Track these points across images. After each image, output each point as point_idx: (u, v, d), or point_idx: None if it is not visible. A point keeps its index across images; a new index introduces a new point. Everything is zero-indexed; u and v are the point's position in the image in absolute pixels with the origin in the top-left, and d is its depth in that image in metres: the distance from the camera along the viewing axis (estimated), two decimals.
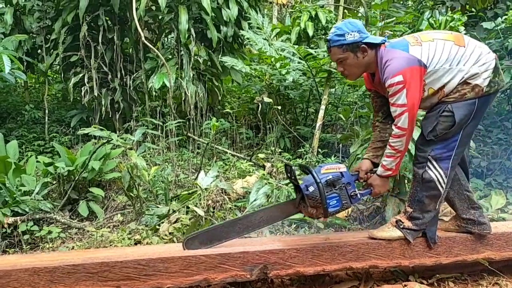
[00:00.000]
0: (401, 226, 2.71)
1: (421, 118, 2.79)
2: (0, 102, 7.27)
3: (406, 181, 3.59)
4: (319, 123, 5.16)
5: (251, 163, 5.01)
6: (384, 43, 2.63)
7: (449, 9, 6.48)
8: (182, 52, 5.75)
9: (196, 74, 5.97)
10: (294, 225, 3.75)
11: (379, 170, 2.66)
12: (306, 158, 4.84)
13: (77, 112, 6.44)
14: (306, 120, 6.30)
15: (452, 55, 2.52)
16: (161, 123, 5.16)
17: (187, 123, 5.72)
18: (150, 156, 5.18)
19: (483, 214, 2.84)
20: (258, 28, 5.91)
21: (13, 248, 3.78)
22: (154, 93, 5.67)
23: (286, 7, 12.10)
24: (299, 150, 5.19)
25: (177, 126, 5.35)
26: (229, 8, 5.86)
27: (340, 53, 2.60)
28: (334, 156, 4.87)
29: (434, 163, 2.58)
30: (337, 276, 2.87)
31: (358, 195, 2.63)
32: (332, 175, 2.55)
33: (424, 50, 2.53)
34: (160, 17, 6.01)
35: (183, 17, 5.39)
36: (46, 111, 6.18)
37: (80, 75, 5.92)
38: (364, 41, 2.57)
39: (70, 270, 2.24)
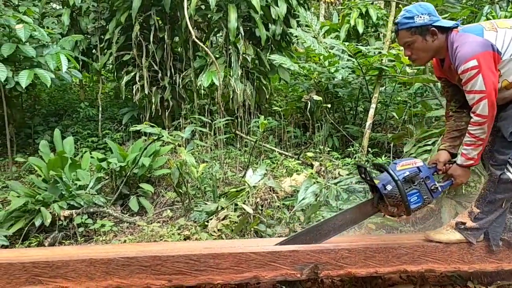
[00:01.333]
0: (463, 227, 2.58)
1: None
2: (57, 100, 7.60)
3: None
4: (369, 122, 5.04)
5: (299, 161, 4.97)
6: (456, 27, 2.50)
7: (511, 3, 6.15)
8: (231, 51, 5.78)
9: (244, 72, 5.98)
10: None
11: (460, 159, 2.54)
12: (355, 158, 4.74)
13: (128, 109, 6.61)
14: (355, 119, 6.18)
15: None
16: (209, 121, 5.21)
17: (235, 121, 5.75)
18: (199, 154, 5.23)
19: None
20: (306, 26, 5.85)
21: (69, 240, 3.92)
22: (202, 91, 5.73)
23: (333, 5, 11.94)
24: (348, 149, 5.09)
25: (225, 124, 5.39)
26: (277, 6, 5.83)
27: (408, 36, 2.49)
28: (385, 156, 4.74)
29: None
30: (390, 279, 2.79)
31: (439, 188, 2.54)
32: (409, 171, 2.49)
33: (500, 36, 2.38)
34: (209, 16, 6.07)
35: (233, 15, 5.41)
36: (100, 109, 6.39)
37: (132, 73, 6.07)
38: (434, 24, 2.46)
39: (125, 263, 2.28)
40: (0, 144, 5.99)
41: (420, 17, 2.45)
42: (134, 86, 6.04)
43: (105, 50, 6.41)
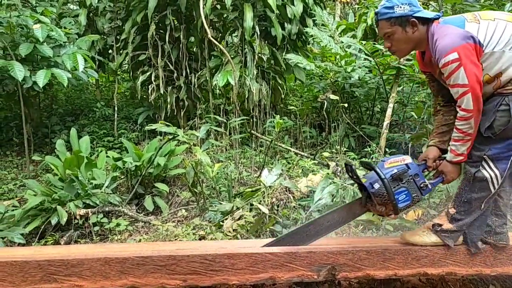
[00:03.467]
0: (439, 229, 2.48)
1: None
2: (74, 100, 7.67)
3: None
4: (386, 121, 4.96)
5: (314, 161, 4.91)
6: (437, 18, 2.40)
7: None
8: (246, 50, 5.75)
9: (260, 72, 5.95)
10: (361, 227, 3.62)
11: (449, 155, 2.43)
12: (372, 158, 4.67)
13: (144, 109, 6.64)
14: (372, 119, 6.10)
15: None
16: (224, 120, 5.19)
17: (250, 120, 5.72)
18: (214, 153, 5.22)
19: (505, 225, 2.53)
20: (323, 25, 5.80)
21: (84, 239, 3.93)
22: (217, 91, 5.72)
23: (349, 5, 11.84)
24: (365, 150, 5.02)
25: (240, 124, 5.36)
26: (294, 5, 5.79)
27: (388, 27, 2.40)
28: None
29: (490, 163, 2.32)
30: (409, 281, 2.72)
31: (429, 185, 2.45)
32: (397, 168, 2.39)
33: (482, 28, 2.27)
34: (225, 16, 6.05)
35: (248, 14, 5.38)
36: (116, 109, 6.42)
37: (148, 73, 6.09)
38: (415, 15, 2.36)
39: (140, 262, 2.26)
40: (18, 143, 6.05)
41: (400, 7, 2.36)
42: (149, 86, 6.05)
43: (121, 50, 6.44)
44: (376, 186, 2.36)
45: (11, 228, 3.69)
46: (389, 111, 5.02)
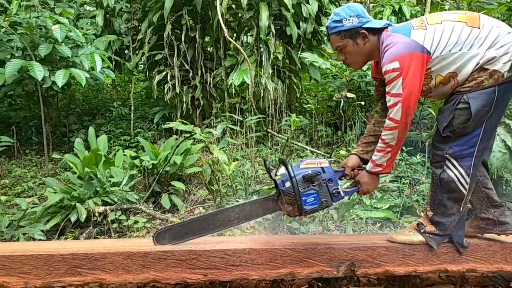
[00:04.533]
0: (422, 230, 2.45)
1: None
2: (91, 99, 7.77)
3: (503, 182, 3.32)
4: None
5: (331, 160, 4.91)
6: (387, 27, 2.38)
7: None
8: (261, 49, 5.77)
9: (275, 71, 5.97)
10: (379, 224, 3.61)
11: (369, 165, 2.41)
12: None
13: (160, 109, 6.69)
14: None
15: (463, 38, 2.21)
16: (240, 119, 5.21)
17: (266, 119, 5.74)
18: (230, 152, 5.25)
19: (506, 212, 2.48)
20: None
21: (103, 236, 3.98)
22: (233, 90, 5.75)
23: (364, 3, 11.80)
24: None
25: (256, 123, 5.38)
26: (309, 4, 5.79)
27: (339, 40, 2.38)
28: (419, 155, 4.63)
29: (454, 161, 2.29)
30: (428, 278, 2.71)
31: (342, 192, 2.39)
32: (311, 170, 2.34)
33: (429, 34, 2.24)
34: (240, 15, 6.08)
35: (264, 14, 5.41)
36: (132, 108, 6.49)
37: (164, 73, 6.14)
38: (364, 26, 2.34)
39: (161, 256, 2.29)
40: (37, 142, 6.15)
41: (349, 20, 2.33)
42: (165, 85, 6.11)
43: (138, 50, 6.51)
44: (287, 184, 2.32)
45: (32, 225, 3.75)
46: None
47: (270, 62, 5.74)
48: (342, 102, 5.43)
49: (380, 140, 2.34)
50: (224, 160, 4.12)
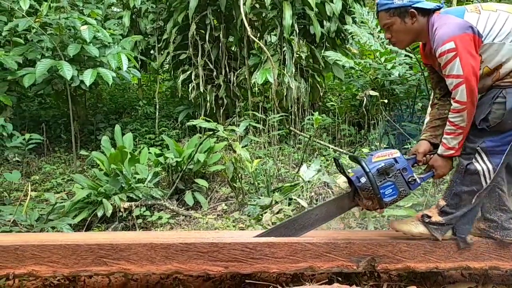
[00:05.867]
0: (427, 221, 2.43)
1: None
2: (117, 98, 7.94)
3: None
4: (427, 119, 4.87)
5: None
6: (438, 9, 2.35)
7: None
8: (285, 48, 5.79)
9: (298, 70, 5.98)
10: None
11: (440, 149, 2.39)
12: None
13: (184, 108, 6.78)
14: (413, 116, 6.00)
15: None
16: (263, 117, 5.25)
17: (289, 117, 5.76)
18: (252, 150, 5.28)
19: (511, 219, 2.45)
20: (362, 22, 5.76)
21: (128, 231, 4.07)
22: (256, 89, 5.78)
23: None
24: (405, 147, 4.95)
25: (279, 121, 5.40)
26: (333, 3, 5.78)
27: (387, 18, 2.38)
28: None
29: (484, 156, 2.28)
30: (450, 276, 2.68)
31: (418, 180, 2.41)
32: (384, 162, 2.37)
33: (482, 18, 2.22)
34: (264, 15, 6.11)
35: (287, 12, 5.42)
36: (157, 107, 6.60)
37: (188, 72, 6.23)
38: (414, 5, 2.33)
39: (183, 248, 2.35)
40: (66, 139, 6.32)
41: None
42: (189, 85, 6.19)
43: (163, 50, 6.61)
44: (363, 180, 2.35)
45: (61, 219, 3.86)
46: (429, 109, 4.92)
47: (293, 61, 5.76)
48: (365, 100, 5.39)
49: (448, 123, 2.32)
50: (247, 158, 4.16)
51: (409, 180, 2.39)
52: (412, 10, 2.35)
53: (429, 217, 2.45)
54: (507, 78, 2.23)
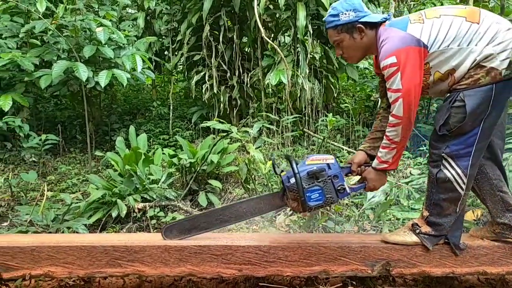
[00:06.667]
0: (417, 231, 2.40)
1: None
2: (131, 99, 8.00)
3: None
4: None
5: None
6: (385, 21, 2.32)
7: None
8: (299, 49, 5.78)
9: (312, 71, 5.96)
10: None
11: (374, 162, 2.37)
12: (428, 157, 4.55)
13: (197, 108, 6.80)
14: (428, 118, 5.95)
15: (461, 33, 2.15)
16: (277, 118, 5.24)
17: (303, 119, 5.74)
18: (266, 151, 5.28)
19: None
20: None
21: (142, 231, 4.09)
22: (270, 90, 5.78)
23: (404, 2, 11.58)
24: (420, 149, 4.91)
25: (292, 122, 5.39)
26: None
27: (336, 35, 2.35)
28: None
29: (451, 161, 2.24)
30: (467, 281, 2.64)
31: (347, 189, 2.37)
32: (316, 166, 2.33)
33: (426, 28, 2.18)
34: (277, 15, 6.10)
35: (301, 13, 5.41)
36: (171, 108, 6.63)
37: (202, 73, 6.25)
38: (360, 20, 2.29)
39: (197, 250, 2.35)
40: (81, 140, 6.39)
41: (345, 14, 2.29)
42: (203, 86, 6.22)
43: (177, 51, 6.65)
44: (292, 180, 2.32)
45: (76, 219, 3.89)
46: None
47: (307, 62, 5.74)
48: (379, 101, 5.35)
49: (384, 137, 2.31)
50: (260, 159, 4.15)
51: (338, 188, 2.36)
52: (360, 25, 2.32)
53: (419, 227, 2.43)
54: (462, 81, 2.18)
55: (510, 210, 2.40)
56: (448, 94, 2.26)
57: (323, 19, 2.50)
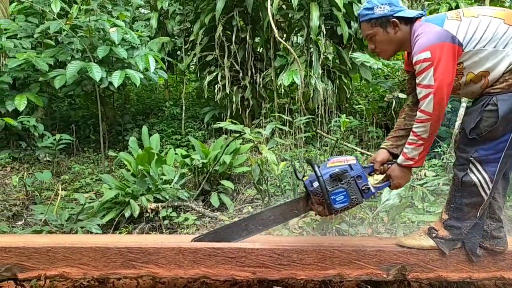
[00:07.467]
0: (434, 235, 2.36)
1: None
2: (144, 99, 8.04)
3: None
4: (458, 121, 4.76)
5: None
6: (420, 17, 2.28)
7: None
8: (312, 50, 5.75)
9: (325, 71, 5.93)
10: None
11: (400, 158, 2.33)
12: (443, 159, 4.51)
13: (210, 109, 6.82)
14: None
15: (498, 35, 2.09)
16: (290, 119, 5.22)
17: (316, 119, 5.71)
18: (278, 152, 5.26)
19: (502, 229, 2.37)
20: None
21: (155, 231, 4.10)
22: (282, 90, 5.76)
23: (418, 1, 11.49)
24: (435, 150, 4.85)
25: (305, 123, 5.37)
26: (360, 3, 5.70)
27: (369, 28, 2.31)
28: None
29: (478, 166, 2.18)
30: (484, 286, 2.60)
31: (372, 188, 2.32)
32: (338, 168, 2.30)
33: (463, 26, 2.13)
34: (290, 16, 6.08)
35: (315, 13, 5.38)
36: (183, 108, 6.65)
37: (214, 73, 6.26)
38: (395, 15, 2.26)
39: (211, 253, 2.34)
40: (94, 140, 6.43)
41: (380, 7, 2.26)
42: (216, 86, 6.23)
43: (189, 51, 6.67)
44: (315, 184, 2.29)
45: (90, 219, 3.92)
46: (461, 111, 4.81)
47: (320, 63, 5.71)
48: (393, 102, 5.31)
49: (411, 133, 2.27)
50: (273, 160, 4.13)
51: (363, 188, 2.32)
52: (394, 19, 2.29)
53: (436, 230, 2.39)
54: (496, 85, 2.13)
55: (492, 218, 2.37)
56: (481, 97, 2.21)
57: (358, 12, 2.45)
